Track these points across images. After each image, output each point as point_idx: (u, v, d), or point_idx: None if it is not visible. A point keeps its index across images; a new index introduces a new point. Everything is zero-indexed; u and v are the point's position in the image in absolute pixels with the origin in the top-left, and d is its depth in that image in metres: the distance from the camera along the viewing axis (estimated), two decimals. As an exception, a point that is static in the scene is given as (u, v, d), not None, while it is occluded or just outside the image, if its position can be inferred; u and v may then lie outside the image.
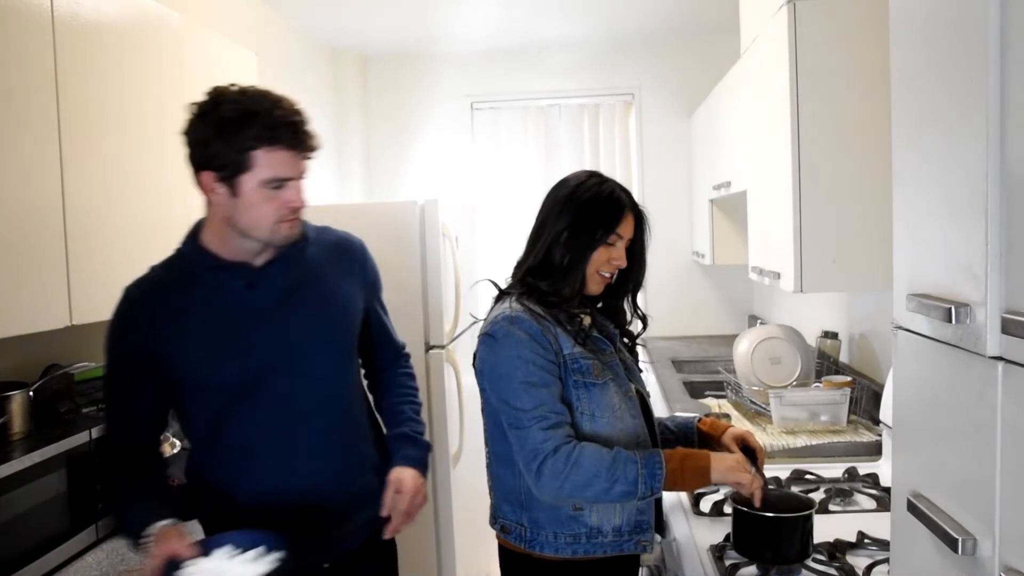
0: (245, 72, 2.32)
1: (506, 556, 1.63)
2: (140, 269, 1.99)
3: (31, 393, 1.75)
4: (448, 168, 4.61)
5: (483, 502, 3.06)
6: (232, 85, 1.38)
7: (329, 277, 1.56)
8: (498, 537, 1.65)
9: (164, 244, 2.07)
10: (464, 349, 3.14)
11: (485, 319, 1.60)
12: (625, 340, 1.70)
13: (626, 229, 1.57)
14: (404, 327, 2.92)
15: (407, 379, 1.73)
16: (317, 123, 1.54)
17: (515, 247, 1.69)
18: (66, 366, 1.94)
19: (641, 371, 1.73)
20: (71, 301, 1.72)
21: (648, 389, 1.70)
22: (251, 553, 1.24)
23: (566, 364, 1.51)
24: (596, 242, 1.55)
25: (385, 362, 1.71)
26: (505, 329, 1.50)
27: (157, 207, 2.06)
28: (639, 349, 1.74)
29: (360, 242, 1.67)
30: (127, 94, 1.95)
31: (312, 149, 1.42)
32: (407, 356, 1.77)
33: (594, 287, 1.59)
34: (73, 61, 1.74)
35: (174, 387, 1.45)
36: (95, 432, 1.77)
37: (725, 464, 1.47)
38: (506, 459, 1.56)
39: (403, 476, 1.54)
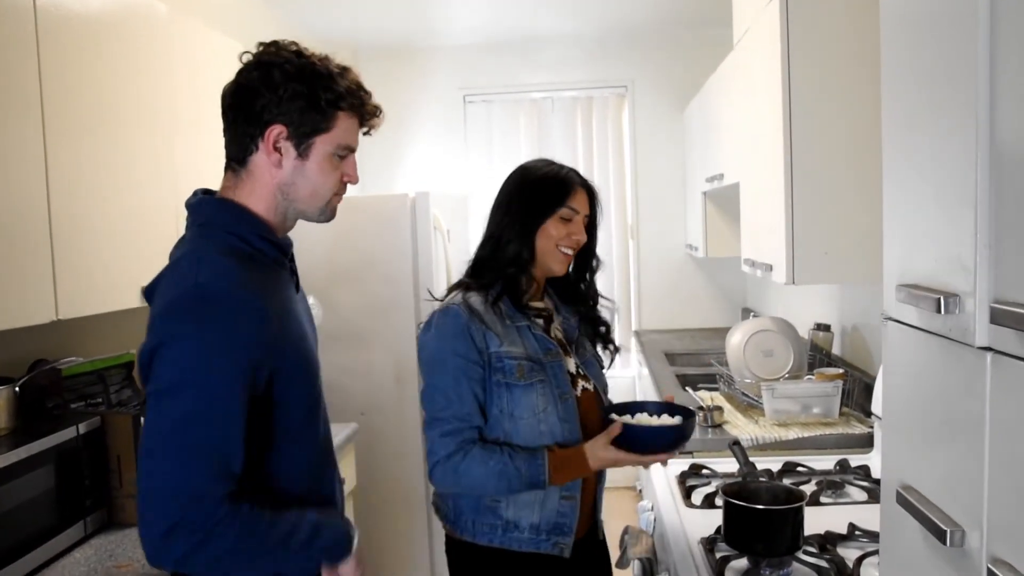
0: (233, 65, 2.29)
1: (446, 538, 1.67)
2: (127, 263, 1.98)
3: (17, 389, 1.74)
4: (441, 161, 4.59)
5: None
6: (291, 43, 1.24)
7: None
8: None
9: (150, 238, 2.07)
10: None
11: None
12: (601, 329, 1.74)
13: (579, 203, 1.62)
14: (396, 320, 2.93)
15: None
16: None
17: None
18: (53, 361, 1.92)
19: (603, 367, 1.75)
20: (57, 296, 1.70)
21: (606, 383, 1.74)
22: (664, 415, 1.61)
23: (490, 363, 1.54)
24: (548, 212, 1.59)
25: None
26: (437, 321, 1.57)
27: (143, 200, 2.05)
28: (618, 335, 1.78)
29: None
30: (113, 87, 1.93)
31: (378, 125, 1.31)
32: None
33: (557, 265, 1.63)
34: (57, 54, 1.72)
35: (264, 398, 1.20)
36: (83, 428, 1.76)
37: (600, 462, 1.54)
38: None
39: None
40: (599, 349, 1.76)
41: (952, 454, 0.84)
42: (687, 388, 2.92)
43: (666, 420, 1.59)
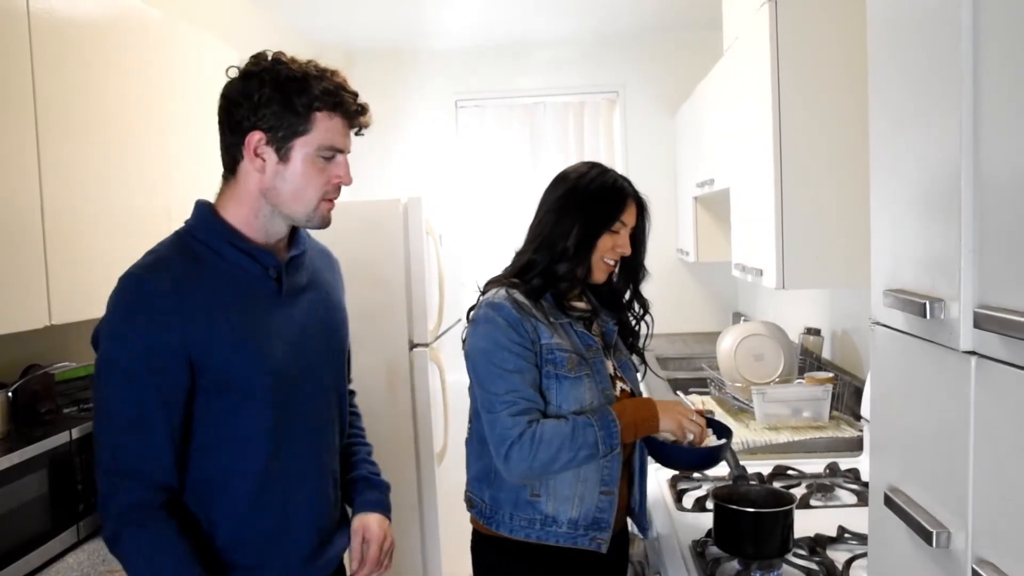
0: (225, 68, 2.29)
1: (474, 533, 1.69)
2: (120, 268, 1.97)
3: (10, 394, 1.74)
4: (432, 166, 4.60)
5: (468, 500, 3.07)
6: (279, 52, 1.29)
7: (329, 285, 1.48)
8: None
9: (144, 242, 2.05)
10: (448, 347, 3.14)
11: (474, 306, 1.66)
12: (630, 339, 1.76)
13: (629, 217, 1.65)
14: (388, 326, 2.93)
15: (357, 418, 1.61)
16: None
17: (500, 244, 1.72)
18: (46, 366, 1.92)
19: (638, 371, 1.79)
20: (50, 301, 1.70)
21: (640, 388, 1.76)
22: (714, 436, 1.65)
23: (541, 354, 1.56)
24: (601, 229, 1.61)
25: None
26: (485, 314, 1.57)
27: (137, 205, 2.04)
28: (646, 345, 1.80)
29: (335, 257, 1.58)
30: (106, 91, 1.93)
31: (367, 124, 1.33)
32: (354, 393, 1.65)
33: (599, 275, 1.66)
34: (50, 58, 1.72)
35: (202, 393, 1.25)
36: (76, 432, 1.76)
37: (670, 413, 1.57)
38: (482, 437, 1.60)
39: (367, 522, 1.44)
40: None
41: (938, 456, 0.85)
42: (678, 392, 2.94)
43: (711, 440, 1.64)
